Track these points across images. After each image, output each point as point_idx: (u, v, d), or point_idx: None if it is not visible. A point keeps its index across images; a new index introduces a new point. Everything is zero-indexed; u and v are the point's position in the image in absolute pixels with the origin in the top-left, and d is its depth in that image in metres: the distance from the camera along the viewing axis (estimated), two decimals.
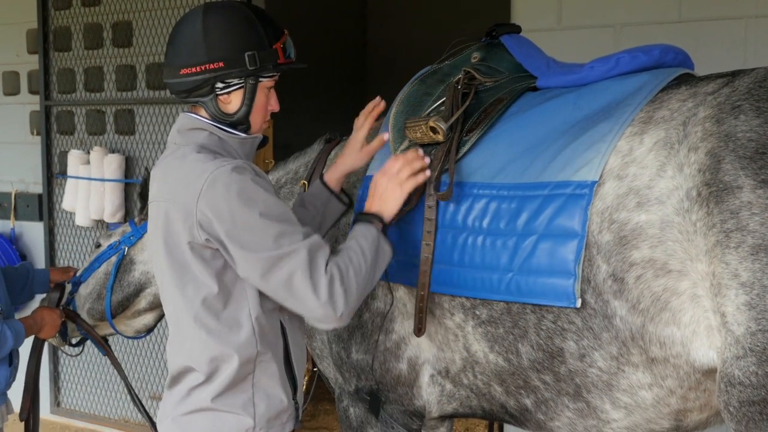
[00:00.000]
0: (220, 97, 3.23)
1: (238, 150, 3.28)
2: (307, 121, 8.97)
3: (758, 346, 2.76)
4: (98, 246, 4.85)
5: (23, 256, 8.15)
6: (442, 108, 3.67)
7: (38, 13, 7.83)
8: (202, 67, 3.16)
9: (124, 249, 4.64)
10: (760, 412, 2.82)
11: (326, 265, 3.10)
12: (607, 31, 5.37)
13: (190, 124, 3.27)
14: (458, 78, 3.73)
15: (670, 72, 3.39)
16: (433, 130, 3.53)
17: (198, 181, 3.06)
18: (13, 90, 8.24)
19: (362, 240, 3.26)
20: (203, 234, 3.07)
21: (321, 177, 3.86)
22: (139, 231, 4.66)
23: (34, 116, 8.10)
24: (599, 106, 3.36)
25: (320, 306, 3.09)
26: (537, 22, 5.60)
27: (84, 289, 4.73)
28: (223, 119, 3.26)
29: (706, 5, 5.15)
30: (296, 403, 3.33)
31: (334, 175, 3.80)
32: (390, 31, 11.05)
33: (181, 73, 3.20)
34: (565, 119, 3.40)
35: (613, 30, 5.37)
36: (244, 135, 3.30)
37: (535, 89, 3.67)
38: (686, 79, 3.35)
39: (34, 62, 8.00)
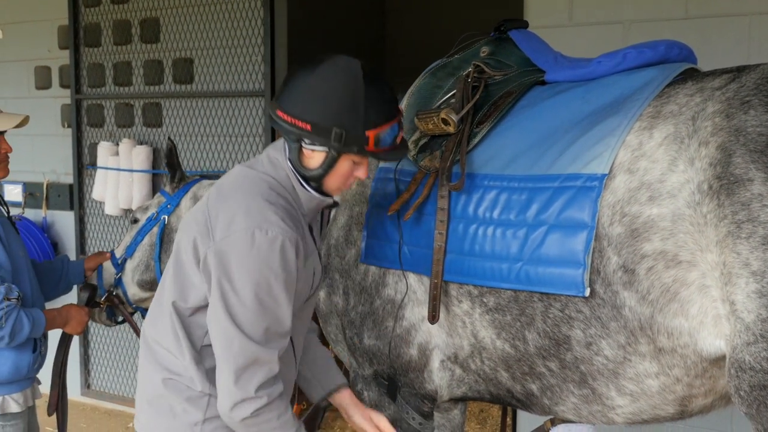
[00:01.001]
0: (304, 150, 3.12)
1: (305, 203, 3.20)
2: None
3: None
4: (135, 221, 4.83)
5: (54, 244, 8.17)
6: (453, 100, 3.67)
7: (69, 10, 7.85)
8: (293, 120, 3.07)
9: (164, 218, 4.64)
10: None
11: (263, 387, 3.02)
12: (617, 28, 5.36)
13: (279, 156, 3.20)
14: (468, 71, 3.73)
15: (676, 67, 3.38)
16: (445, 121, 3.55)
17: (235, 224, 3.00)
18: (45, 84, 8.25)
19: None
20: (203, 263, 3.05)
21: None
22: (174, 199, 4.66)
23: (65, 109, 8.13)
24: (608, 100, 3.35)
25: (228, 396, 3.03)
26: (549, 18, 5.60)
27: (130, 264, 4.73)
28: (299, 169, 3.16)
29: (712, 3, 5.12)
30: None
31: None
32: (408, 27, 11.02)
33: (277, 112, 3.12)
34: (574, 113, 3.40)
35: (622, 26, 5.36)
36: (315, 194, 3.20)
37: (543, 83, 3.67)
38: (692, 74, 3.34)
39: (65, 57, 8.02)
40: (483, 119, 3.58)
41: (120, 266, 4.74)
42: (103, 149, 7.65)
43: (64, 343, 4.55)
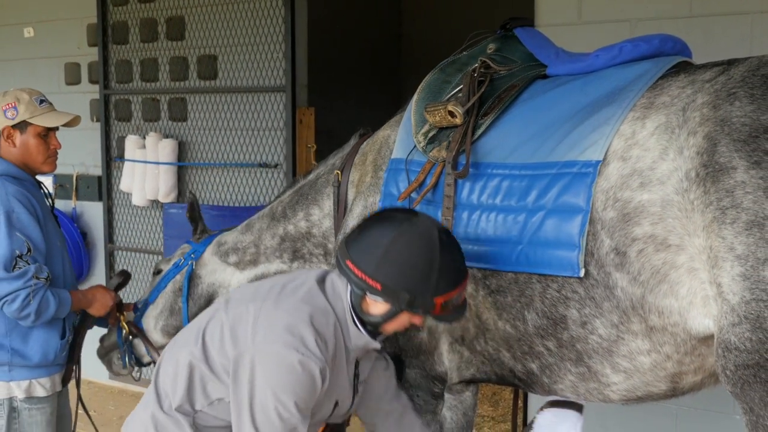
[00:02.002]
0: (367, 299, 3.18)
1: (353, 339, 3.25)
2: (348, 108, 8.96)
3: (752, 313, 2.81)
4: (159, 272, 4.81)
5: (84, 234, 8.25)
6: (460, 94, 3.71)
7: (98, 8, 7.91)
8: (363, 276, 3.11)
9: (192, 263, 4.62)
10: (754, 375, 2.85)
11: None
12: (624, 26, 5.37)
13: (341, 290, 3.24)
14: (475, 67, 3.77)
15: (670, 60, 3.43)
16: (451, 113, 3.60)
17: (272, 340, 3.06)
18: (74, 80, 8.33)
19: None
20: (233, 361, 3.12)
21: None
22: (201, 246, 4.66)
23: (93, 104, 8.19)
24: (604, 91, 3.40)
25: None
26: (559, 16, 5.61)
27: (153, 310, 4.71)
28: (357, 312, 3.22)
29: (715, 1, 5.12)
30: None
31: None
32: (423, 26, 11.01)
33: (347, 263, 3.15)
34: (572, 104, 3.45)
35: (629, 24, 5.37)
36: (364, 334, 3.25)
37: (545, 77, 3.72)
38: (684, 67, 3.39)
39: (93, 54, 8.08)
40: (487, 111, 3.63)
41: (143, 309, 4.73)
42: (131, 142, 7.72)
43: (84, 322, 4.55)
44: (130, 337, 4.69)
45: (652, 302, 3.11)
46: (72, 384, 4.57)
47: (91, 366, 5.25)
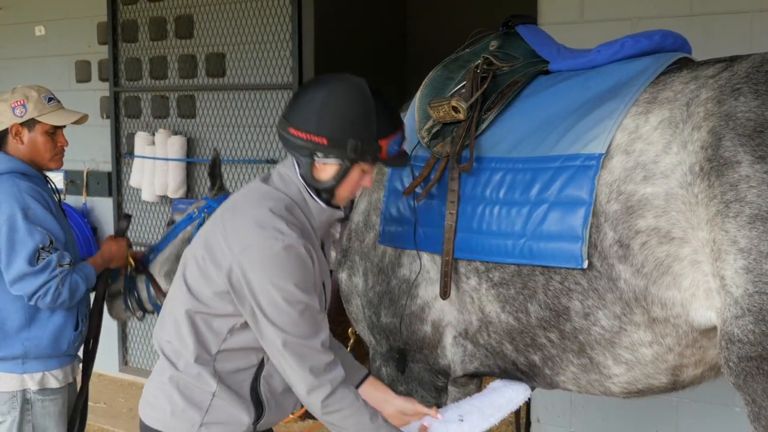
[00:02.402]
0: (316, 164, 3.14)
1: (316, 216, 3.22)
2: None
3: (755, 306, 2.81)
4: (172, 222, 4.86)
5: (94, 229, 8.25)
6: (463, 90, 3.73)
7: (108, 7, 7.91)
8: (308, 137, 3.08)
9: (204, 216, 4.61)
10: (757, 367, 2.86)
11: (323, 374, 3.08)
12: (625, 24, 5.36)
13: (289, 172, 3.21)
14: (478, 63, 3.78)
15: (670, 56, 3.44)
16: (455, 109, 3.61)
17: (249, 240, 3.03)
18: (85, 77, 8.34)
19: (385, 429, 3.22)
20: (226, 280, 3.06)
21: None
22: (216, 203, 4.60)
23: (103, 101, 8.20)
24: (606, 86, 3.40)
25: (300, 389, 3.11)
26: (561, 15, 5.61)
27: (161, 257, 4.71)
28: (310, 183, 3.19)
29: (715, 0, 5.16)
30: (255, 429, 3.25)
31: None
32: (427, 24, 11.02)
33: (289, 130, 3.12)
34: (574, 99, 3.45)
35: (630, 23, 5.37)
36: (325, 206, 3.22)
37: (547, 73, 3.73)
38: (686, 63, 3.40)
39: (103, 52, 8.09)
40: (490, 107, 3.64)
41: (151, 259, 4.74)
42: (140, 139, 7.72)
43: (104, 276, 4.54)
44: (134, 272, 4.72)
45: (655, 294, 3.11)
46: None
47: (102, 359, 5.27)
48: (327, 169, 3.15)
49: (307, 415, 6.76)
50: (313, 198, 3.21)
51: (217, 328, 3.16)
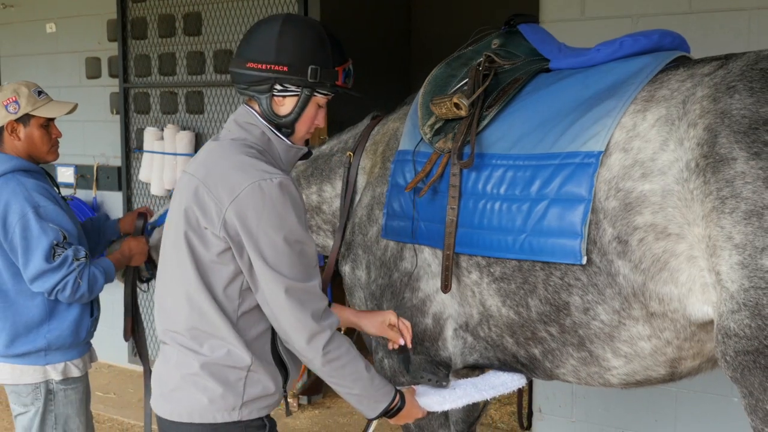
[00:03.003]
0: (275, 98, 3.15)
1: (282, 155, 3.21)
2: (359, 102, 9.00)
3: (751, 301, 2.82)
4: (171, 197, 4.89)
5: None
6: (465, 87, 3.73)
7: (117, 5, 7.91)
8: (268, 66, 3.10)
9: None
10: (753, 361, 2.87)
11: (322, 319, 3.04)
12: (626, 22, 5.36)
13: (247, 118, 3.19)
14: (480, 61, 3.78)
15: (669, 55, 3.43)
16: (457, 106, 3.61)
17: (238, 186, 2.97)
18: (95, 74, 8.33)
19: (378, 381, 3.21)
20: (223, 233, 2.98)
21: None
22: None
23: (113, 97, 8.19)
24: (605, 85, 3.40)
25: (297, 337, 3.04)
26: (562, 13, 5.61)
27: (157, 234, 4.63)
28: (271, 118, 3.17)
29: None
30: (285, 391, 3.21)
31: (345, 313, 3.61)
32: (432, 21, 11.02)
33: (247, 65, 3.12)
34: (574, 97, 3.45)
35: (630, 20, 5.37)
36: (291, 143, 3.22)
37: (548, 71, 3.72)
38: (683, 62, 3.39)
39: (113, 49, 8.09)
40: (492, 104, 3.63)
41: (150, 231, 4.70)
42: (149, 134, 7.72)
43: (130, 276, 4.59)
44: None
45: (653, 289, 3.12)
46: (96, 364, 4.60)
47: (111, 349, 5.30)
48: (286, 102, 3.17)
49: (307, 390, 6.75)
50: (278, 136, 3.20)
51: (230, 295, 3.07)
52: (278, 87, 3.13)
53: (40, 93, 4.33)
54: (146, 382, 4.62)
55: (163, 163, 7.61)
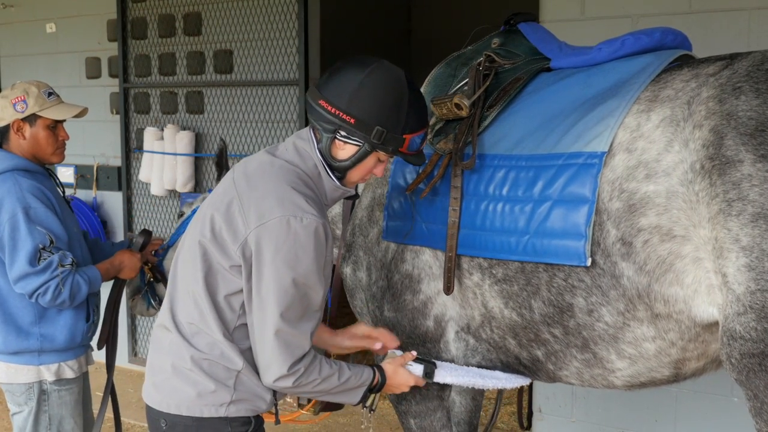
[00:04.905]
0: (337, 141, 3.15)
1: (329, 193, 3.22)
2: None
3: (757, 303, 2.78)
4: (182, 215, 4.85)
5: (104, 222, 8.25)
6: (466, 87, 3.69)
7: (117, 5, 7.90)
8: (337, 112, 3.09)
9: None
10: (759, 364, 2.83)
11: (296, 363, 3.06)
12: (626, 21, 5.35)
13: (307, 146, 3.20)
14: (480, 61, 3.75)
15: (671, 53, 3.40)
16: (458, 106, 3.58)
17: (269, 214, 2.99)
18: (95, 74, 8.32)
19: (353, 378, 3.25)
20: (240, 252, 3.02)
21: None
22: None
23: (113, 97, 8.19)
24: (607, 84, 3.37)
25: (268, 374, 3.09)
26: (562, 12, 5.60)
27: (173, 252, 4.66)
28: (327, 158, 3.18)
29: None
30: (275, 399, 3.25)
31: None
32: (432, 21, 11.03)
33: (320, 102, 3.12)
34: (576, 96, 3.42)
35: (630, 20, 5.35)
36: (340, 184, 3.22)
37: (549, 70, 3.69)
38: (687, 61, 3.36)
39: (113, 49, 8.08)
40: (493, 104, 3.60)
41: (162, 254, 4.73)
42: (149, 134, 7.72)
43: (117, 286, 4.58)
44: (152, 280, 4.74)
45: (658, 291, 3.08)
46: (91, 367, 4.58)
47: None
48: (346, 148, 3.16)
49: (321, 409, 6.77)
50: (329, 174, 3.20)
51: (233, 305, 3.12)
52: (342, 133, 3.13)
53: (50, 94, 4.32)
54: (104, 398, 4.63)
55: (163, 163, 7.62)
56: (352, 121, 3.09)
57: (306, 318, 3.09)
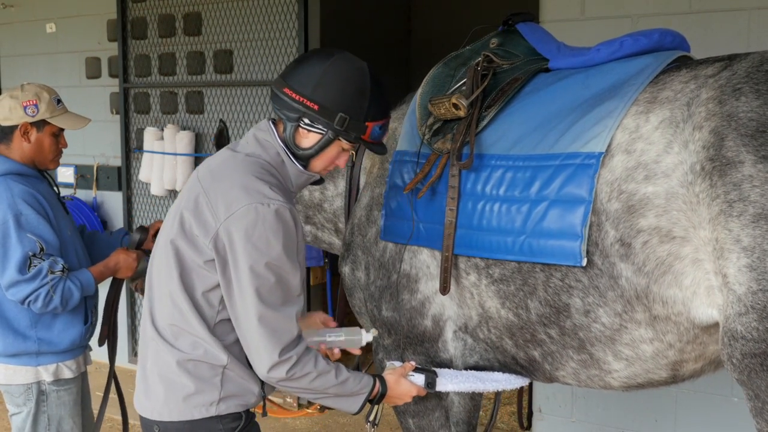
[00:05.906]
0: (300, 129, 3.18)
1: (293, 180, 3.24)
2: None
3: (759, 304, 2.78)
4: None
5: (104, 222, 8.24)
6: (464, 87, 3.69)
7: (117, 5, 7.90)
8: (301, 99, 3.12)
9: None
10: (761, 364, 2.84)
11: (287, 349, 3.06)
12: (625, 22, 5.35)
13: (267, 135, 3.23)
14: (478, 61, 3.75)
15: (670, 54, 3.40)
16: (456, 106, 3.58)
17: (236, 204, 3.02)
18: (95, 74, 8.32)
19: (352, 381, 3.25)
20: (212, 246, 3.04)
21: None
22: None
23: (113, 97, 8.18)
24: (606, 85, 3.37)
25: (260, 363, 3.09)
26: (562, 12, 5.59)
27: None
28: (290, 146, 3.21)
29: None
30: (264, 393, 3.25)
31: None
32: (432, 21, 11.02)
33: (284, 90, 3.15)
34: (574, 97, 3.42)
35: (630, 20, 5.35)
36: (303, 170, 3.25)
37: (547, 70, 3.69)
38: (685, 62, 3.36)
39: (113, 49, 8.07)
40: (491, 104, 3.60)
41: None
42: (149, 134, 7.71)
43: (115, 286, 4.57)
44: None
45: (657, 292, 3.08)
46: (91, 367, 4.59)
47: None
48: (310, 136, 3.20)
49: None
50: (292, 161, 3.22)
51: (211, 301, 3.14)
52: (306, 120, 3.17)
53: (59, 102, 4.33)
54: (107, 387, 4.68)
55: (163, 163, 7.60)
56: (316, 107, 3.12)
57: (288, 303, 3.10)
